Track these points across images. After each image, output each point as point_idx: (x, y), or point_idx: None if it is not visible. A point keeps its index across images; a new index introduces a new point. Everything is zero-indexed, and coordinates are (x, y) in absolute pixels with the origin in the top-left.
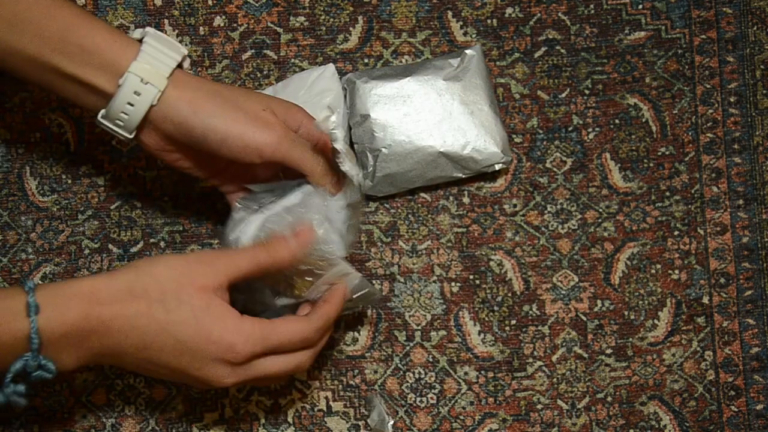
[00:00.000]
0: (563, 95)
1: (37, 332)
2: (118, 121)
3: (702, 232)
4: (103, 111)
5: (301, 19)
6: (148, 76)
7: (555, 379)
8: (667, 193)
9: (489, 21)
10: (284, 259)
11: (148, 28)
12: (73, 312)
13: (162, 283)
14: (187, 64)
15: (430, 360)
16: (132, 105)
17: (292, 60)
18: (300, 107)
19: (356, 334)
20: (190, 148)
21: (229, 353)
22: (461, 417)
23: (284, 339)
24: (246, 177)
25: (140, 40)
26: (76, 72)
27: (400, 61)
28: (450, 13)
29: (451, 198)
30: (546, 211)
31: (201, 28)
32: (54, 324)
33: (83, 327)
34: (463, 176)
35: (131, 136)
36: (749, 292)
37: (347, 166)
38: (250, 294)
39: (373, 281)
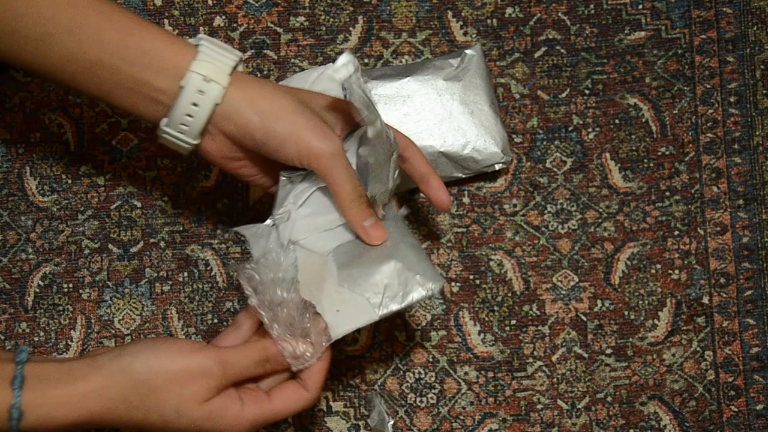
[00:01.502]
0: (563, 95)
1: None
2: (182, 126)
3: (702, 232)
4: (165, 119)
5: (301, 19)
6: (210, 74)
7: (555, 379)
8: (667, 193)
9: (489, 21)
10: (278, 371)
11: (201, 35)
12: (63, 418)
13: (161, 396)
14: (241, 68)
15: (430, 360)
16: (196, 105)
17: (292, 60)
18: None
19: (356, 333)
20: (253, 153)
21: None
22: (461, 417)
23: (284, 415)
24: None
25: (196, 46)
26: (138, 75)
27: (400, 61)
28: (450, 13)
29: (451, 198)
30: (546, 211)
31: (201, 28)
32: (37, 424)
33: (70, 424)
34: (463, 176)
35: (196, 143)
36: (749, 292)
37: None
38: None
39: None
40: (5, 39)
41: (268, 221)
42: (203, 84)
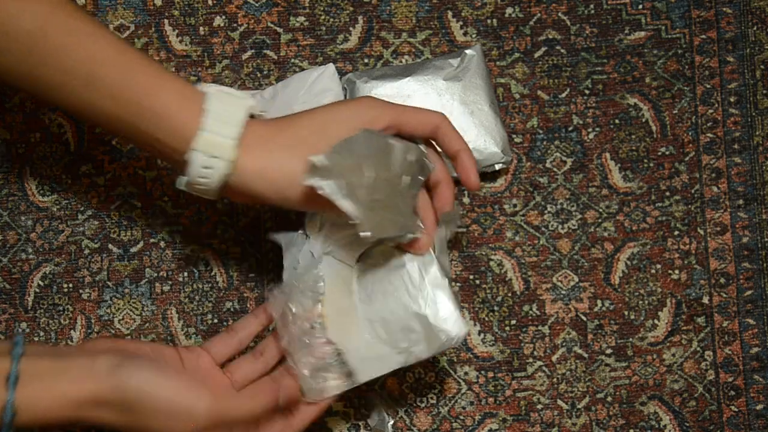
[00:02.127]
0: (563, 95)
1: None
2: (199, 187)
3: (702, 232)
4: (182, 177)
5: (301, 19)
6: (213, 149)
7: (555, 379)
8: (667, 193)
9: (489, 21)
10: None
11: (208, 87)
12: (54, 415)
13: (148, 418)
14: (256, 109)
15: (430, 360)
16: (206, 178)
17: (292, 60)
18: (364, 108)
19: None
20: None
21: None
22: (461, 417)
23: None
24: None
25: (203, 103)
26: (153, 134)
27: (400, 61)
28: (450, 13)
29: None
30: (546, 211)
31: (201, 28)
32: (31, 420)
33: (62, 420)
34: None
35: (215, 198)
36: (749, 292)
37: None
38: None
39: None
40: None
41: (302, 230)
42: (208, 160)
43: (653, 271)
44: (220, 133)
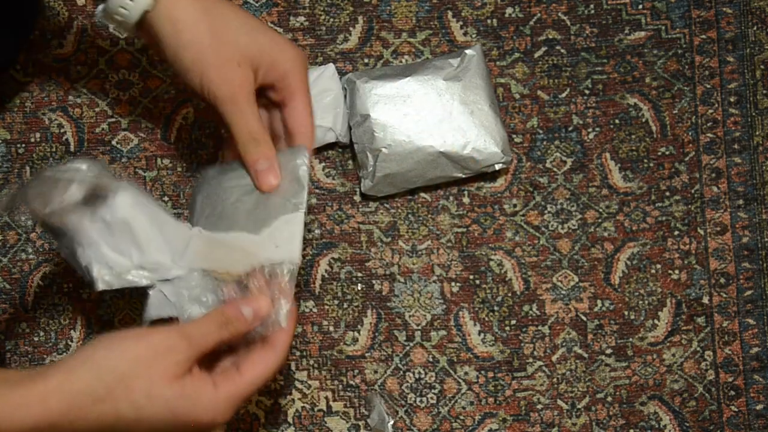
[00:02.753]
0: (563, 95)
1: None
2: (119, 12)
3: (702, 232)
4: (101, 6)
5: (301, 19)
6: None
7: (555, 379)
8: (667, 193)
9: (489, 21)
10: (243, 331)
11: None
12: (19, 420)
13: (128, 381)
14: None
15: (430, 360)
16: (130, 2)
17: None
18: (293, 59)
19: (356, 334)
20: None
21: (212, 426)
22: (461, 417)
23: (259, 385)
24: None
25: None
26: None
27: (400, 61)
28: (450, 13)
29: (451, 198)
30: (546, 211)
31: None
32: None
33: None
34: (463, 176)
35: (129, 33)
36: (749, 292)
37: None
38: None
39: (373, 281)
40: None
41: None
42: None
43: (653, 271)
44: None
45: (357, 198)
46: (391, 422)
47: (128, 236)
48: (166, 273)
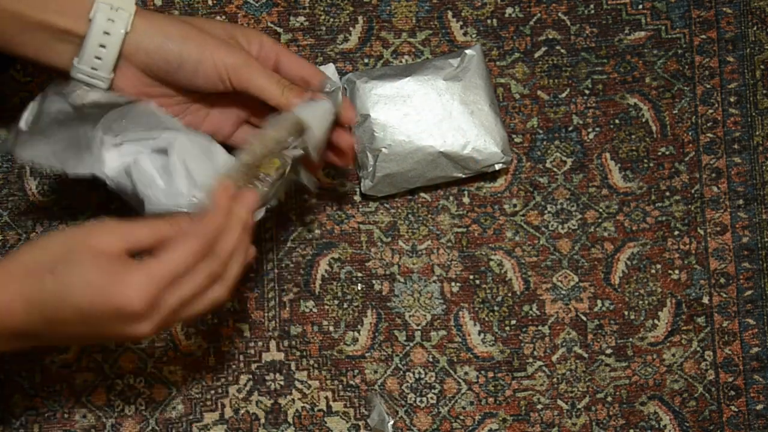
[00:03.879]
0: (563, 95)
1: None
2: (96, 60)
3: (702, 232)
4: (77, 58)
5: (301, 19)
6: (117, 2)
7: (555, 379)
8: (667, 193)
9: (489, 21)
10: (183, 232)
11: None
12: None
13: (53, 252)
14: None
15: (430, 360)
16: (108, 34)
17: None
18: (258, 32)
19: (356, 334)
20: (168, 84)
21: (127, 310)
22: (461, 417)
23: (174, 268)
24: (212, 121)
25: None
26: (42, 17)
27: (400, 61)
28: (450, 13)
29: (451, 198)
30: (546, 211)
31: None
32: None
33: None
34: (463, 176)
35: (110, 77)
36: (749, 292)
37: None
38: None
39: (373, 281)
40: None
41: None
42: (112, 13)
43: (653, 271)
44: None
45: (357, 198)
46: (391, 422)
47: (184, 176)
48: None
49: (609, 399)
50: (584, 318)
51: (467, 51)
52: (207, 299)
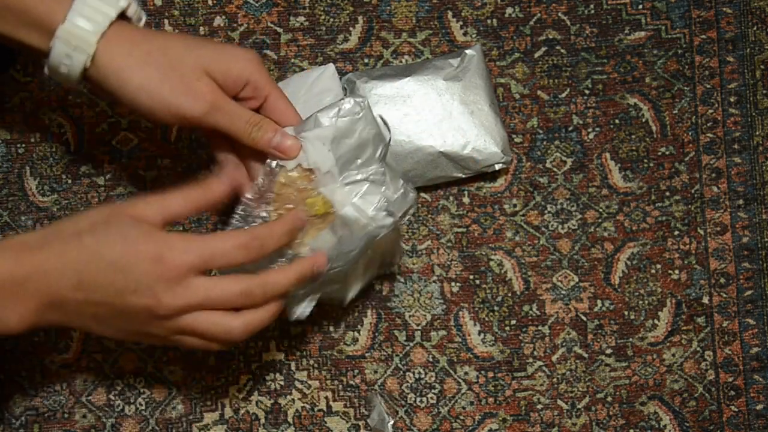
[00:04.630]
0: (563, 95)
1: None
2: (61, 72)
3: (702, 232)
4: (45, 61)
5: (301, 19)
6: (75, 41)
7: (555, 379)
8: (667, 193)
9: (489, 21)
10: (217, 196)
11: None
12: (5, 261)
13: (93, 218)
14: (132, 10)
15: (430, 360)
16: (67, 64)
17: (292, 60)
18: (248, 58)
19: (356, 334)
20: None
21: (160, 265)
22: (461, 417)
23: (217, 248)
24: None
25: None
26: (9, 32)
27: (400, 61)
28: (450, 13)
29: (451, 198)
30: (546, 211)
31: (201, 28)
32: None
33: (17, 273)
34: (463, 176)
35: (79, 86)
36: (749, 292)
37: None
38: None
39: (373, 281)
40: None
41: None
42: (69, 51)
43: (653, 271)
44: (83, 27)
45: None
46: (391, 422)
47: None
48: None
49: (609, 399)
50: (584, 318)
51: (467, 51)
52: (226, 321)
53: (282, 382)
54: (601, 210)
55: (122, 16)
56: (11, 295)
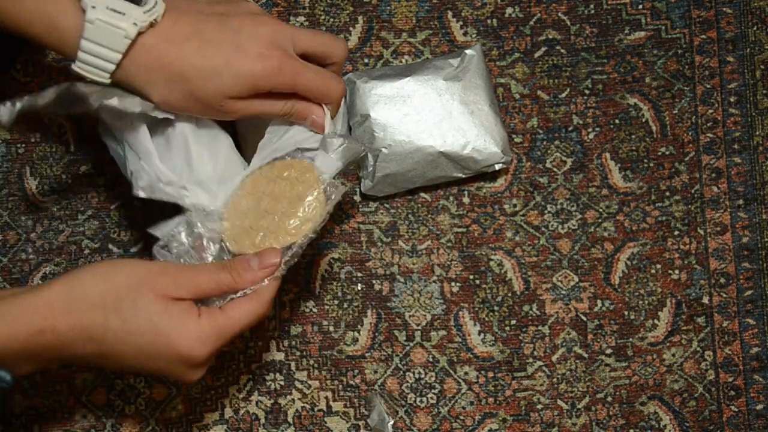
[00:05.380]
0: (563, 95)
1: None
2: (91, 71)
3: (702, 232)
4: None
5: (301, 19)
6: (92, 74)
7: (555, 379)
8: (667, 193)
9: (489, 21)
10: (246, 285)
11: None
12: (27, 327)
13: (119, 291)
14: (156, 12)
15: (430, 360)
16: (91, 79)
17: None
18: (269, 27)
19: (356, 334)
20: None
21: (190, 359)
22: (461, 417)
23: (240, 327)
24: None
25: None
26: (40, 39)
27: (400, 61)
28: (450, 13)
29: (451, 198)
30: (546, 211)
31: None
32: (6, 340)
33: (38, 342)
34: (463, 176)
35: (108, 82)
36: (749, 292)
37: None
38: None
39: (373, 281)
40: None
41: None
42: (89, 75)
43: (653, 271)
44: (98, 56)
45: (357, 198)
46: (391, 422)
47: (183, 153)
48: (204, 199)
49: (609, 399)
50: (584, 318)
51: (467, 51)
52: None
53: (282, 382)
54: (601, 210)
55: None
56: (29, 358)
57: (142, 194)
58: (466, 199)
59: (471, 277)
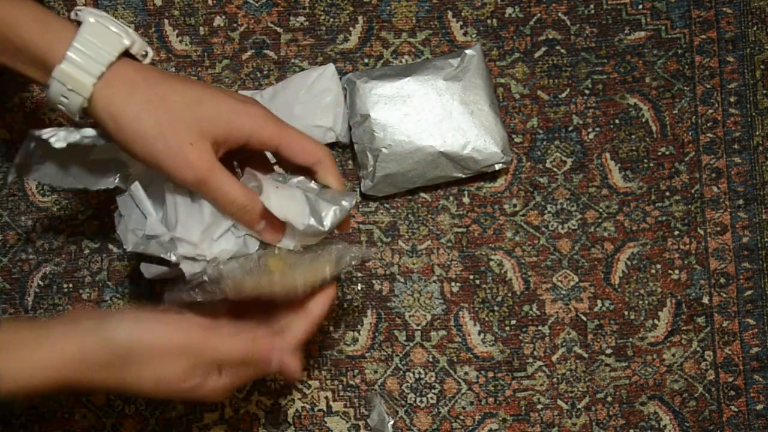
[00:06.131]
0: (563, 95)
1: None
2: (60, 108)
3: (702, 232)
4: (46, 93)
5: (301, 19)
6: (71, 83)
7: (555, 379)
8: (667, 193)
9: (489, 21)
10: (263, 373)
11: (85, 12)
12: (39, 381)
13: (140, 367)
14: (136, 47)
15: (430, 360)
16: (64, 103)
17: (292, 60)
18: (249, 113)
19: (356, 334)
20: None
21: (207, 402)
22: (461, 417)
23: (249, 381)
24: None
25: (76, 28)
26: (11, 65)
27: (400, 61)
28: (450, 13)
29: (451, 198)
30: (546, 211)
31: (201, 28)
32: (15, 388)
33: (48, 387)
34: (463, 176)
35: (78, 119)
36: (749, 292)
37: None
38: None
39: (373, 281)
40: None
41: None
42: (66, 91)
43: (653, 271)
44: (79, 69)
45: (357, 198)
46: (391, 422)
47: (174, 207)
48: (192, 252)
49: (609, 399)
50: (584, 318)
51: (467, 51)
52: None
53: (282, 382)
54: (601, 210)
55: (126, 52)
56: (49, 387)
57: (130, 248)
58: (466, 199)
59: (471, 277)
